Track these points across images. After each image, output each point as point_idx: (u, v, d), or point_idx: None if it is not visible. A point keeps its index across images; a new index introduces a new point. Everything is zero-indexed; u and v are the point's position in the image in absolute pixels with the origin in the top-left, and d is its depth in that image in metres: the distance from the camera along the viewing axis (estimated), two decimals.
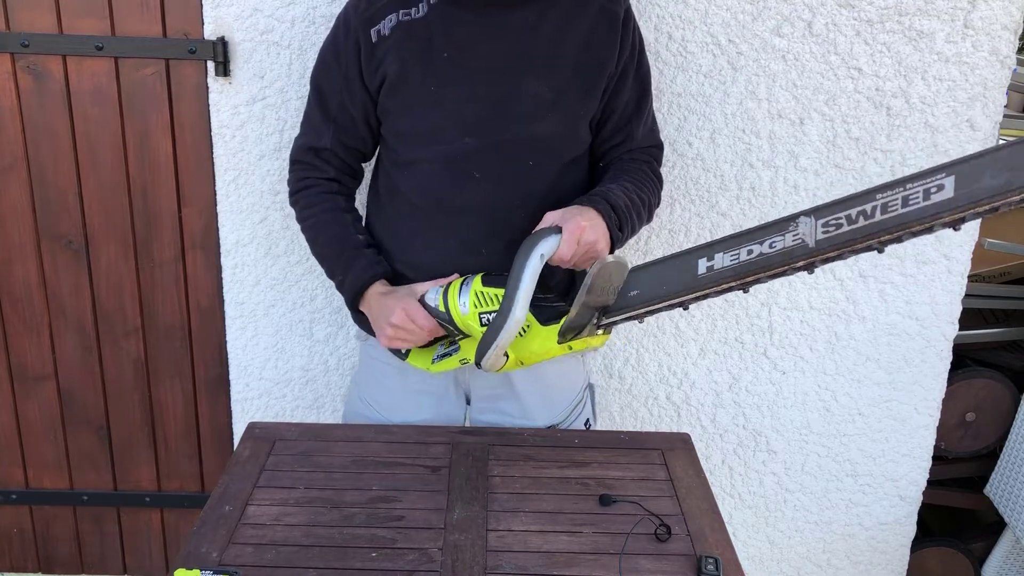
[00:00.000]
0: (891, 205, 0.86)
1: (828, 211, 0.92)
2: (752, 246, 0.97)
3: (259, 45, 1.63)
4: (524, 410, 1.43)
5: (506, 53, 1.25)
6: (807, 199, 1.72)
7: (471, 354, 1.26)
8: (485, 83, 1.25)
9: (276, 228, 1.75)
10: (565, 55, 1.26)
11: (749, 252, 0.97)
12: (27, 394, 1.91)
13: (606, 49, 1.28)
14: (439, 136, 1.27)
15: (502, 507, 1.16)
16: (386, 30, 1.26)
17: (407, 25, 1.25)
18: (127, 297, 1.83)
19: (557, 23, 1.26)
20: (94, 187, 1.75)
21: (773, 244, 0.95)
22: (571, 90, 1.27)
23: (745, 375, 1.87)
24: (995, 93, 1.65)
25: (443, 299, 1.23)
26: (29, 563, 2.06)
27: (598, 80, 1.29)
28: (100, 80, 1.67)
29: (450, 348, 1.31)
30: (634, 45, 1.33)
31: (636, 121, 1.37)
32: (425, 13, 1.25)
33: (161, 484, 1.99)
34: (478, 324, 1.19)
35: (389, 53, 1.26)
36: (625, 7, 1.31)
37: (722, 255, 1.00)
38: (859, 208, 0.89)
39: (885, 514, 2.00)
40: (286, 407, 1.91)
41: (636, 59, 1.34)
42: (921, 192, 0.84)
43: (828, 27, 1.61)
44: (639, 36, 1.35)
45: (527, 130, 1.26)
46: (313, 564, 1.04)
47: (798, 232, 0.94)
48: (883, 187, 0.87)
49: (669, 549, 1.09)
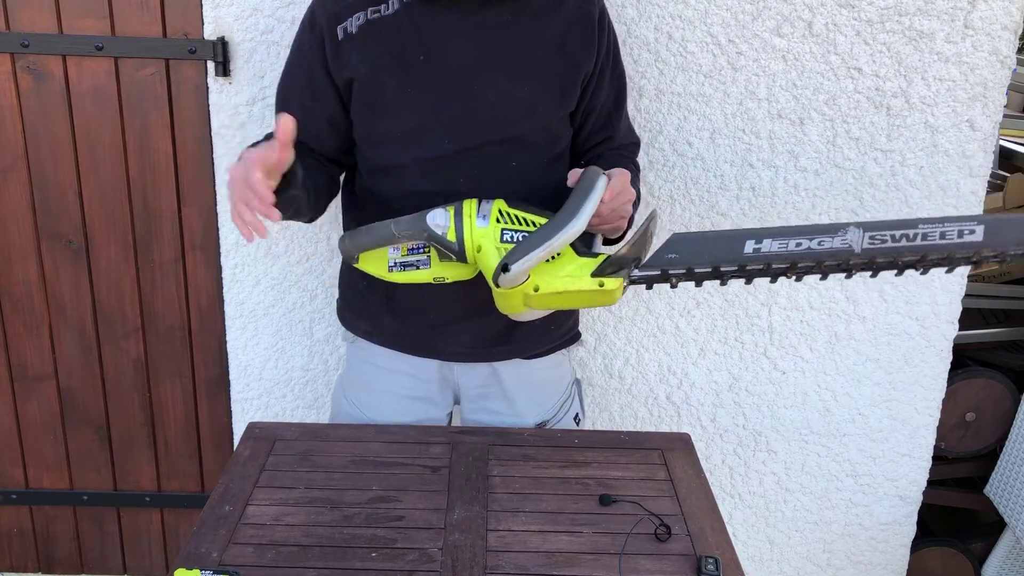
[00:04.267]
0: (930, 235, 1.01)
1: (876, 227, 1.03)
2: (801, 239, 1.03)
3: (259, 45, 1.63)
4: (513, 408, 1.43)
5: (480, 53, 1.22)
6: (807, 199, 1.72)
7: (450, 273, 1.20)
8: (461, 85, 1.22)
9: (276, 228, 1.75)
10: (539, 55, 1.24)
11: (798, 244, 1.03)
12: (27, 394, 1.91)
13: (582, 50, 1.27)
14: (417, 140, 1.24)
15: (502, 507, 1.16)
16: (353, 28, 1.22)
17: (376, 24, 1.21)
18: (127, 297, 1.83)
19: (531, 22, 1.24)
20: (94, 187, 1.75)
21: (822, 243, 1.03)
22: (547, 90, 1.26)
23: (745, 375, 1.87)
24: (995, 93, 1.65)
25: (453, 214, 1.16)
26: (29, 563, 2.06)
27: (574, 81, 1.27)
28: (100, 80, 1.67)
29: (413, 258, 1.23)
30: (610, 46, 1.32)
31: (616, 119, 1.36)
32: (396, 10, 1.21)
33: (161, 484, 1.99)
34: (494, 243, 1.14)
35: (357, 53, 1.22)
36: (600, 8, 1.29)
37: (771, 241, 1.04)
38: (903, 231, 1.02)
39: (885, 514, 2.00)
40: (286, 407, 1.91)
41: (612, 59, 1.33)
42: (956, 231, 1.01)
43: (828, 27, 1.61)
44: (614, 37, 1.34)
45: (507, 131, 1.24)
46: (313, 564, 1.04)
47: (847, 237, 1.02)
48: (926, 220, 1.02)
49: (669, 549, 1.09)
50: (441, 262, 1.21)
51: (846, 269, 1.07)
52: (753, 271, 1.07)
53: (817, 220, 1.74)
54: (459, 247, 1.16)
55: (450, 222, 1.15)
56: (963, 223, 1.01)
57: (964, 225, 1.01)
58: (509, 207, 1.16)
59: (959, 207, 1.73)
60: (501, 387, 1.42)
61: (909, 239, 1.02)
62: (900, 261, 1.04)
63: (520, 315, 1.21)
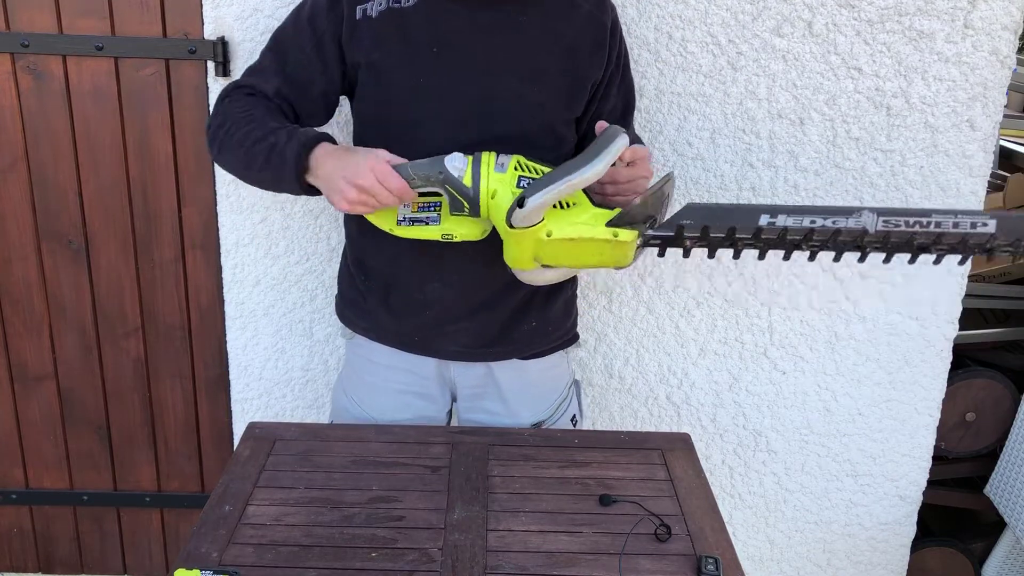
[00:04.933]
0: (944, 224, 1.04)
1: (890, 212, 1.05)
2: (816, 217, 1.06)
3: (259, 45, 1.62)
4: (508, 408, 1.43)
5: (493, 51, 1.23)
6: (807, 199, 1.72)
7: (458, 231, 1.20)
8: (470, 81, 1.23)
9: (276, 228, 1.75)
10: (550, 58, 1.25)
11: (812, 222, 1.06)
12: (27, 394, 1.91)
13: (592, 57, 1.28)
14: (421, 131, 1.24)
15: (502, 507, 1.16)
16: (373, 12, 1.22)
17: (396, 13, 1.22)
18: (127, 297, 1.83)
19: (543, 24, 1.25)
20: (94, 187, 1.75)
21: (836, 222, 1.06)
22: (555, 93, 1.26)
23: (745, 375, 1.87)
24: (995, 93, 1.65)
25: (472, 166, 1.15)
26: (29, 563, 2.06)
27: (581, 87, 1.28)
28: (100, 80, 1.67)
29: (423, 214, 1.21)
30: (620, 56, 1.33)
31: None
32: (415, 3, 1.22)
33: (161, 484, 1.99)
34: (511, 187, 1.13)
35: (372, 38, 1.22)
36: (613, 17, 1.30)
37: (785, 216, 1.07)
38: (917, 218, 1.04)
39: (885, 514, 2.00)
40: (286, 407, 1.91)
41: (622, 69, 1.34)
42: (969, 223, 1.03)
43: (828, 27, 1.61)
44: (625, 47, 1.35)
45: (511, 129, 1.25)
46: (313, 564, 1.04)
47: (861, 219, 1.05)
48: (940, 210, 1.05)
49: (669, 549, 1.09)
50: (451, 216, 1.20)
51: (860, 247, 1.08)
52: (769, 240, 1.09)
53: None
54: (474, 192, 1.15)
55: (468, 166, 1.15)
56: (976, 216, 1.03)
57: (977, 218, 1.03)
58: (527, 160, 1.17)
59: (959, 207, 1.73)
60: (497, 387, 1.42)
61: (923, 226, 1.04)
62: (915, 243, 1.05)
63: (528, 275, 1.19)
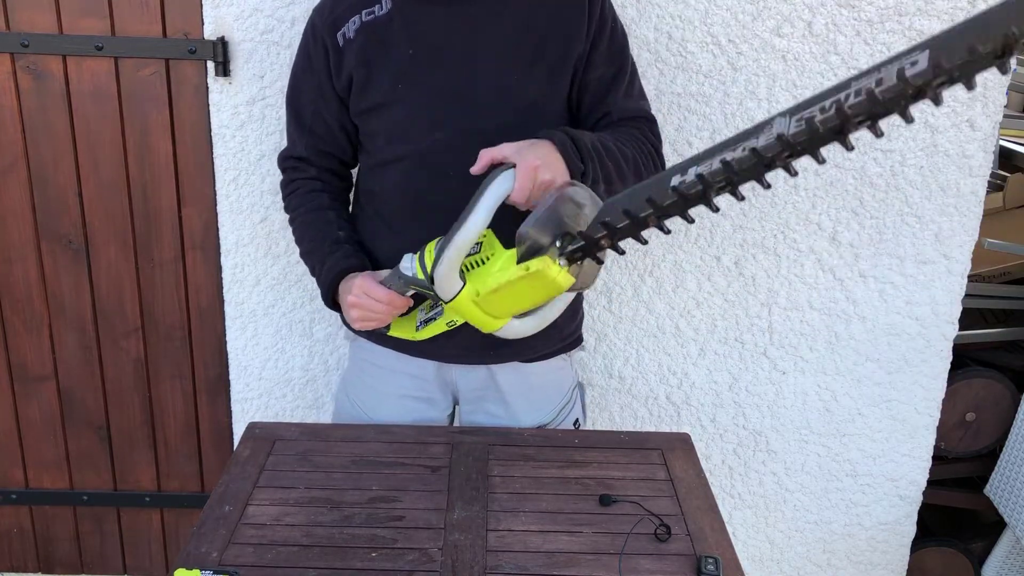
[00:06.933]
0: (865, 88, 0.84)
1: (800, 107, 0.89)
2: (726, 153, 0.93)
3: (259, 45, 1.63)
4: (509, 411, 1.42)
5: (469, 44, 1.24)
6: (807, 199, 1.72)
7: (457, 316, 1.22)
8: (448, 77, 1.24)
9: (276, 228, 1.75)
10: (529, 40, 1.24)
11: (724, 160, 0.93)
12: (27, 394, 1.91)
13: (572, 27, 1.26)
14: (408, 134, 1.26)
15: (502, 507, 1.16)
16: (351, 33, 1.26)
17: (370, 25, 1.25)
18: (127, 297, 1.83)
19: (520, 8, 1.24)
20: (94, 187, 1.75)
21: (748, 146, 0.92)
22: (536, 75, 1.25)
23: (745, 375, 1.87)
24: (995, 93, 1.65)
25: (419, 261, 1.18)
26: (29, 563, 2.06)
27: (564, 60, 1.26)
28: (100, 80, 1.67)
29: (432, 312, 1.27)
30: (603, 18, 1.28)
31: (614, 94, 1.32)
32: (388, 10, 1.25)
33: (161, 484, 1.99)
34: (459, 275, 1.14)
35: (353, 56, 1.26)
36: None
37: (695, 167, 0.95)
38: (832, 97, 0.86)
39: (885, 514, 2.00)
40: (286, 407, 1.91)
41: (608, 32, 1.29)
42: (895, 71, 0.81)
43: (828, 27, 1.61)
44: (610, 10, 1.30)
45: (496, 120, 1.24)
46: (313, 564, 1.04)
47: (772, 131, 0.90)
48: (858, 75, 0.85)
49: (669, 549, 1.09)
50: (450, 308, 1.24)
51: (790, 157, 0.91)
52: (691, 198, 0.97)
53: (818, 220, 1.74)
54: (430, 283, 1.16)
55: (415, 262, 1.18)
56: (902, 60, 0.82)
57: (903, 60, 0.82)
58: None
59: (959, 207, 1.73)
60: (498, 390, 1.42)
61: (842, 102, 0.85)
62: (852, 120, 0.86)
63: (505, 332, 1.20)
